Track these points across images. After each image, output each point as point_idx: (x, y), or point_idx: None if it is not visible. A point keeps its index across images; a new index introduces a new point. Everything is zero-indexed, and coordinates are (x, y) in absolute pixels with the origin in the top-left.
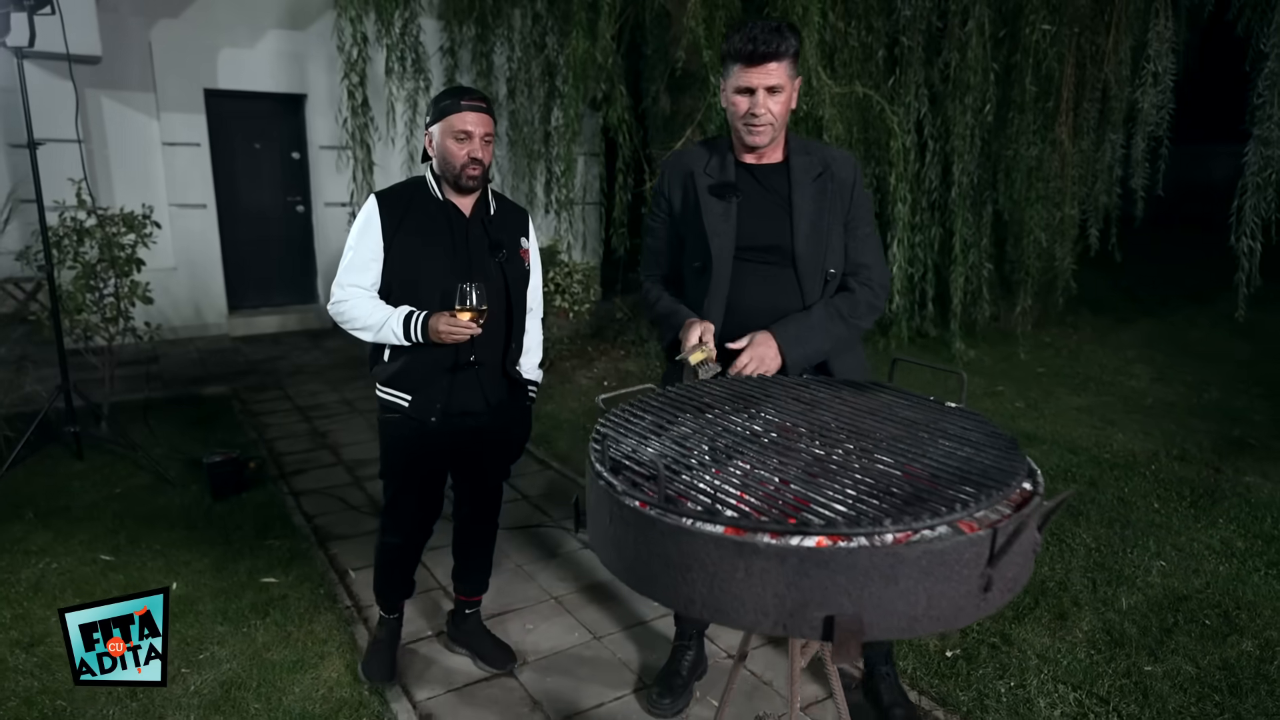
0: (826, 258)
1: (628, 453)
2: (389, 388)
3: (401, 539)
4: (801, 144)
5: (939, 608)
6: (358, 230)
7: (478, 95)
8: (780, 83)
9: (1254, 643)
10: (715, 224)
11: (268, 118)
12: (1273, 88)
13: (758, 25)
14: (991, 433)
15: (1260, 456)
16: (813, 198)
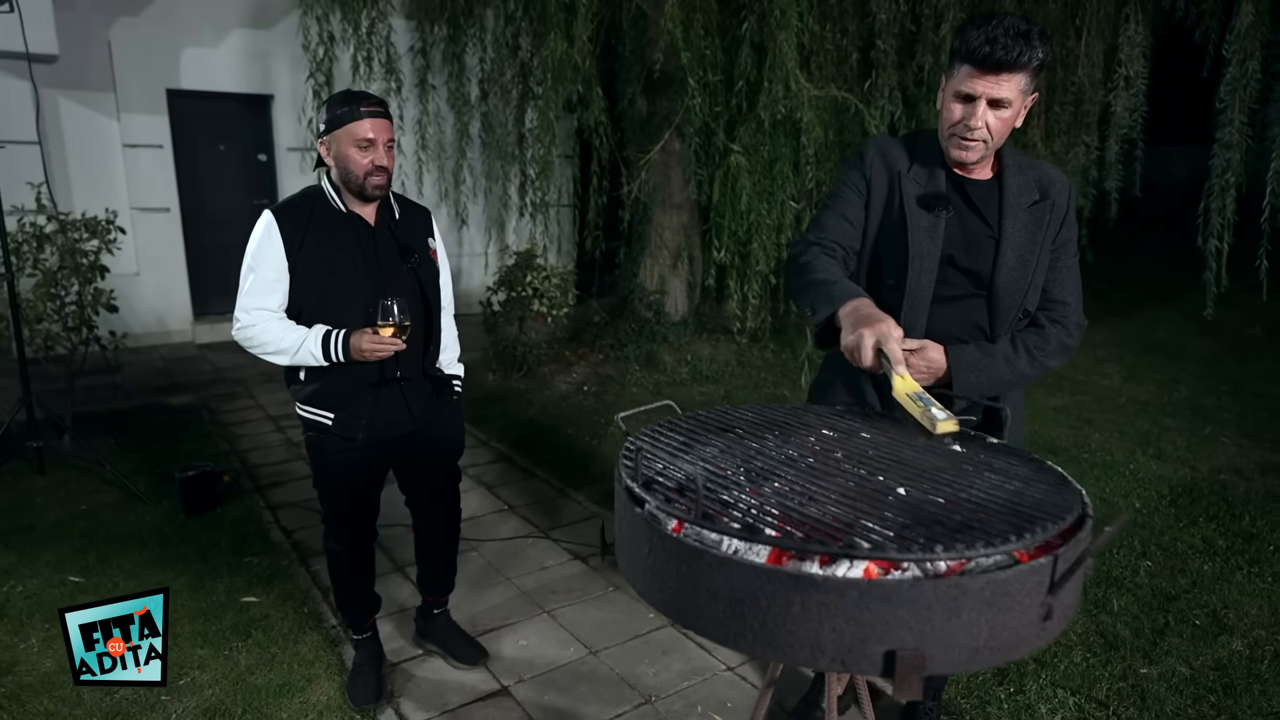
0: (1027, 294)
1: (660, 471)
2: (310, 406)
3: (345, 545)
4: (1016, 160)
5: (1000, 639)
6: (256, 249)
7: (376, 100)
8: (1010, 97)
9: (1243, 642)
10: (921, 242)
11: (233, 119)
12: (1233, 93)
13: (1002, 24)
14: (1040, 468)
15: (1232, 454)
16: (1025, 227)
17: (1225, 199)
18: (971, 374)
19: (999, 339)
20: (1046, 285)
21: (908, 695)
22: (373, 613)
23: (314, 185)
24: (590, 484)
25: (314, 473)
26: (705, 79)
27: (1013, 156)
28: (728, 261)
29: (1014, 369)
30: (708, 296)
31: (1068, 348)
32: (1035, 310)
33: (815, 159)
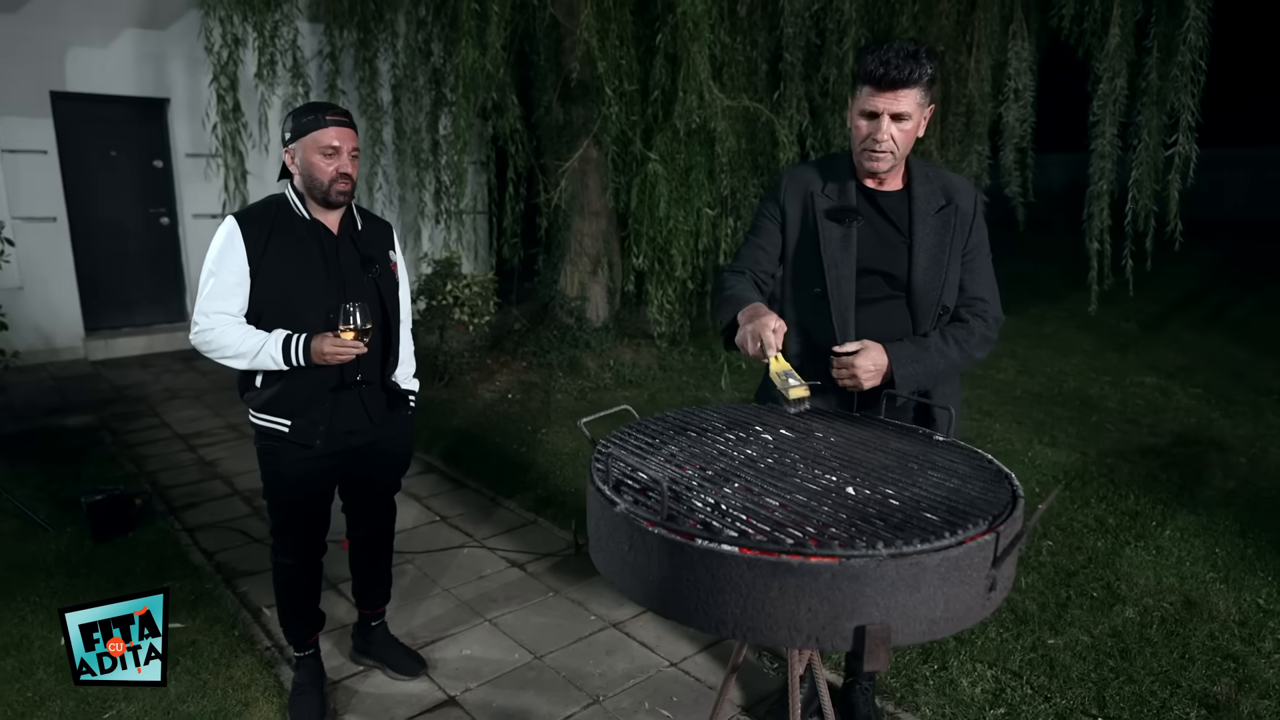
0: (943, 292)
1: (628, 473)
2: (265, 414)
3: (295, 559)
4: (923, 170)
5: (954, 609)
6: (217, 254)
7: (341, 110)
8: (908, 110)
9: (1135, 610)
10: (834, 252)
11: (125, 123)
12: (1104, 107)
13: (893, 47)
14: (978, 464)
15: (1116, 439)
16: (934, 230)
17: (1101, 204)
18: (911, 366)
19: (929, 333)
20: (964, 284)
21: (876, 667)
22: (316, 629)
23: (276, 193)
24: (523, 491)
25: (266, 484)
26: (621, 88)
27: (919, 167)
28: (647, 268)
29: (946, 359)
30: (628, 302)
31: (989, 339)
32: (955, 307)
33: (729, 167)
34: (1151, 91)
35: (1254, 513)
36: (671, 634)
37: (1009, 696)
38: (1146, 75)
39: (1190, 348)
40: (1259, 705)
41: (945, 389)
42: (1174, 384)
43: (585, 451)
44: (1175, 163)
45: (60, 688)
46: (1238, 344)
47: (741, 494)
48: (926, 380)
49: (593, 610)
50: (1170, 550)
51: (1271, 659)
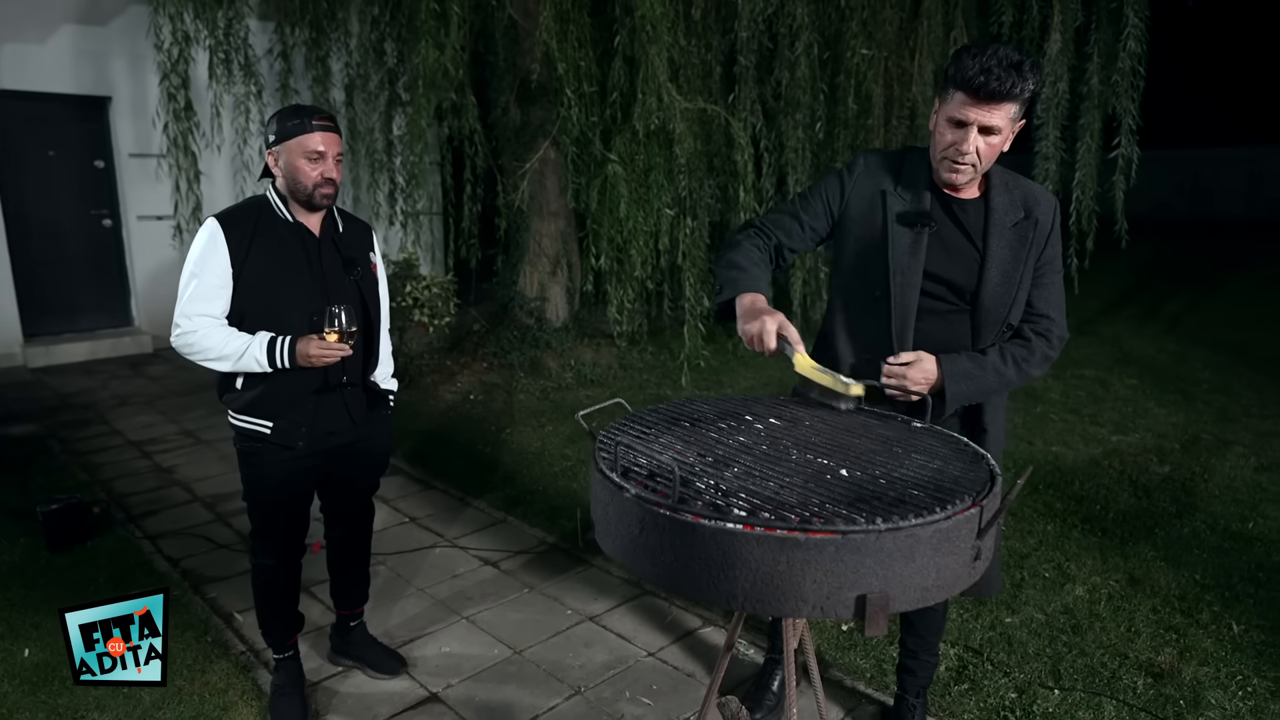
0: (1011, 309)
1: (640, 463)
2: (246, 415)
3: (276, 560)
4: (1003, 178)
5: (944, 577)
6: (199, 256)
7: (326, 114)
8: (1000, 125)
9: (1084, 588)
10: (901, 258)
11: (64, 122)
12: (1048, 110)
13: (995, 55)
14: (957, 447)
15: (1060, 429)
16: (1010, 245)
17: None
18: (964, 383)
19: (988, 350)
20: (1031, 299)
21: (876, 632)
22: (295, 631)
23: (259, 195)
24: (491, 491)
25: (246, 485)
26: (581, 90)
27: (1000, 176)
28: (607, 268)
29: (1002, 379)
30: (587, 302)
31: (1049, 359)
32: (1019, 323)
33: (687, 168)
34: (1093, 96)
35: (1188, 495)
36: (647, 625)
37: (971, 672)
38: (1088, 80)
39: (1126, 342)
40: (1199, 672)
41: (996, 402)
42: (1111, 376)
43: (551, 451)
44: (1119, 164)
45: (27, 699)
46: (1169, 338)
47: (742, 477)
48: (977, 398)
49: (568, 605)
50: (1114, 532)
51: (1209, 629)
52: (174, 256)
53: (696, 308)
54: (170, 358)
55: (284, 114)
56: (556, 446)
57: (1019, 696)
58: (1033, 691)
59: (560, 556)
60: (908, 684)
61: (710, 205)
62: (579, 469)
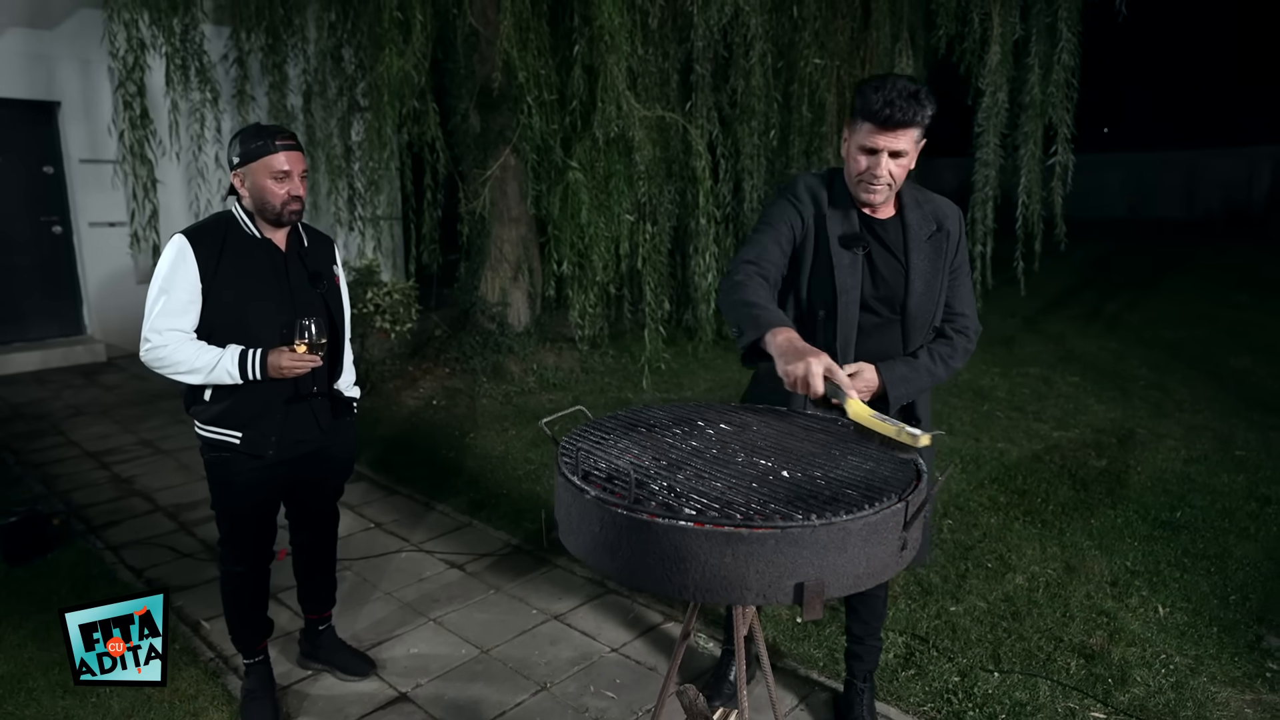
0: (935, 314)
1: (599, 467)
2: (215, 426)
3: (245, 566)
4: (913, 195)
5: (873, 566)
6: (167, 272)
7: (288, 133)
8: (906, 149)
9: (1024, 577)
10: (845, 278)
11: (10, 127)
12: (988, 118)
13: (896, 88)
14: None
15: (1005, 425)
16: (928, 256)
17: (986, 209)
18: (902, 386)
19: (919, 353)
20: (948, 300)
21: (813, 615)
22: (265, 636)
23: (224, 211)
24: (454, 495)
25: (215, 494)
26: (541, 98)
27: (909, 194)
28: (570, 273)
29: (933, 376)
30: (548, 307)
31: (969, 352)
32: (940, 323)
33: (647, 174)
34: (1035, 105)
35: (1123, 487)
36: (610, 622)
37: (918, 659)
38: (1030, 90)
39: (1069, 340)
40: (1127, 652)
41: (921, 397)
42: (1054, 374)
43: (515, 455)
44: (1057, 170)
45: None
46: (1110, 336)
47: (693, 479)
48: (914, 396)
49: (534, 605)
50: (1053, 523)
51: (1137, 612)
52: (127, 264)
53: (657, 311)
54: (125, 367)
55: (246, 135)
56: (520, 450)
57: (961, 680)
58: (974, 675)
59: (525, 558)
60: (855, 669)
61: (669, 210)
62: (542, 472)
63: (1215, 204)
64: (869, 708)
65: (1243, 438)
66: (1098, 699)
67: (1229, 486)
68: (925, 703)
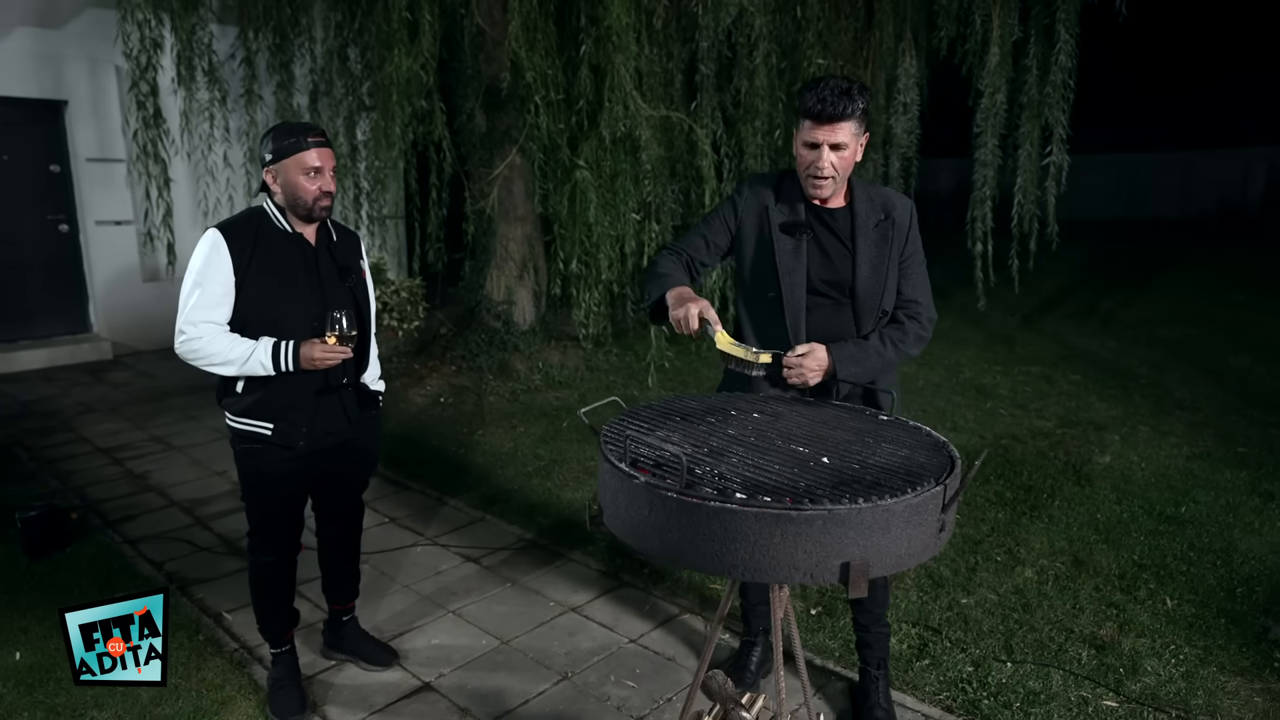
0: (883, 298)
1: (644, 453)
2: (246, 418)
3: (274, 557)
4: (864, 189)
5: (914, 547)
6: (202, 266)
7: (319, 131)
8: (845, 141)
9: (1033, 570)
10: (787, 261)
11: (17, 126)
12: (987, 119)
13: (828, 86)
14: (919, 436)
15: (1009, 422)
16: (874, 242)
17: (984, 209)
18: (852, 365)
19: (870, 335)
20: (900, 288)
21: (858, 593)
22: (292, 626)
23: (255, 207)
24: (467, 490)
25: (245, 486)
26: (549, 97)
27: (861, 187)
28: (577, 272)
29: (883, 358)
30: (553, 305)
31: (922, 338)
32: (893, 309)
33: (652, 173)
34: (1032, 106)
35: (1127, 483)
36: (627, 614)
37: (932, 649)
38: (1027, 91)
39: (1067, 339)
40: (1137, 643)
41: (886, 378)
42: (1055, 372)
43: (524, 451)
44: (1051, 171)
45: (24, 700)
46: (1108, 335)
47: (736, 464)
48: (865, 377)
49: (550, 597)
50: (1059, 518)
51: (1145, 604)
52: (133, 262)
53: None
54: (131, 364)
55: (279, 132)
56: (529, 447)
57: (975, 669)
58: (987, 665)
59: (539, 552)
60: (868, 657)
61: (673, 210)
62: (552, 468)
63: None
64: (884, 694)
65: (1244, 435)
66: (1109, 688)
67: (1232, 482)
68: (940, 691)
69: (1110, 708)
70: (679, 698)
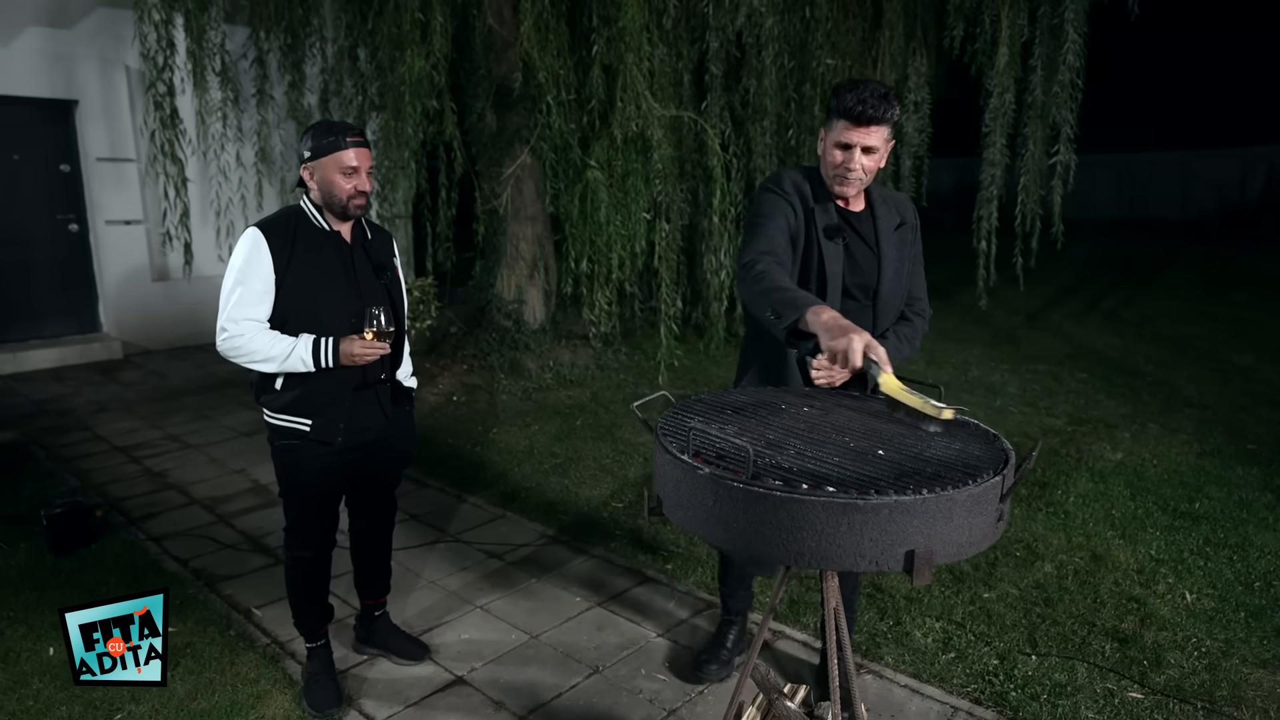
0: (902, 300)
1: (707, 445)
2: (286, 414)
3: (312, 552)
4: (880, 193)
5: (974, 535)
6: (242, 263)
7: (357, 130)
8: (877, 145)
9: (1052, 565)
10: (832, 265)
11: (28, 125)
12: (995, 118)
13: (869, 89)
14: (970, 430)
15: (1019, 420)
16: (896, 246)
17: (991, 208)
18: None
19: (888, 334)
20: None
21: (923, 581)
22: (327, 620)
23: (293, 205)
24: (486, 488)
25: (283, 481)
26: (560, 97)
27: (877, 191)
28: (588, 271)
29: (900, 355)
30: (562, 304)
31: (924, 332)
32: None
33: (663, 173)
34: (1037, 106)
35: (1140, 479)
36: (653, 609)
37: (956, 643)
38: (1032, 91)
39: (1072, 337)
40: (1159, 636)
41: None
42: (1063, 370)
43: (540, 449)
44: (1058, 170)
45: (61, 694)
46: (1113, 333)
47: (796, 456)
48: None
49: (576, 593)
50: (1075, 514)
51: (1165, 598)
52: (144, 262)
53: (671, 309)
54: (142, 364)
55: (318, 131)
56: (545, 445)
57: (1001, 662)
58: (1013, 658)
59: (561, 549)
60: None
61: (681, 209)
62: (569, 466)
63: (1209, 204)
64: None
65: (1253, 432)
66: (1134, 680)
67: (1244, 479)
68: (968, 684)
69: (1136, 700)
70: (711, 690)
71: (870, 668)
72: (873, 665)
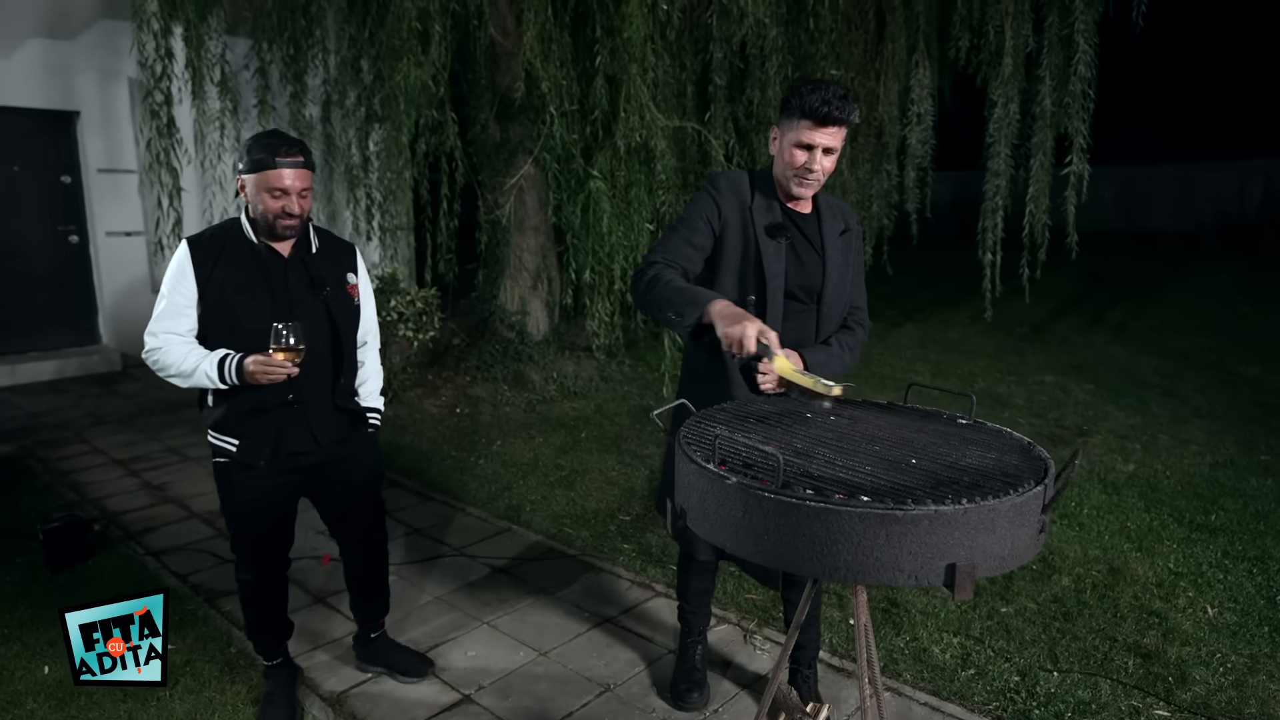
0: (846, 306)
1: (733, 455)
2: (217, 432)
3: (253, 575)
4: (825, 198)
5: (1016, 548)
6: (171, 277)
7: (295, 149)
8: (837, 146)
9: (1069, 578)
10: (772, 264)
11: (29, 136)
12: (1000, 129)
13: (831, 89)
14: (1003, 438)
15: (1027, 431)
16: (840, 251)
17: (995, 218)
18: (822, 370)
19: (831, 340)
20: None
21: (964, 596)
22: (284, 638)
23: (234, 217)
24: (489, 501)
25: (220, 501)
26: (564, 108)
27: (823, 195)
28: (591, 282)
29: (842, 364)
30: (565, 315)
31: (864, 342)
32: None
33: (666, 184)
34: (1045, 116)
35: (1154, 491)
36: (664, 625)
37: (975, 659)
38: (1040, 102)
39: (1078, 348)
40: (1182, 651)
41: None
42: (1070, 381)
43: (545, 461)
44: (1070, 180)
45: (56, 714)
46: (1118, 344)
47: (826, 466)
48: None
49: (585, 608)
50: (1090, 527)
51: (1186, 613)
52: (143, 273)
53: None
54: (141, 376)
55: (257, 144)
56: (549, 457)
57: (1022, 679)
58: (1034, 674)
59: (569, 562)
60: (800, 658)
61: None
62: (574, 478)
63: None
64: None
65: (1265, 443)
66: (1160, 697)
67: (1259, 490)
68: (989, 701)
69: (1163, 717)
70: (725, 708)
71: (889, 685)
72: (891, 682)
